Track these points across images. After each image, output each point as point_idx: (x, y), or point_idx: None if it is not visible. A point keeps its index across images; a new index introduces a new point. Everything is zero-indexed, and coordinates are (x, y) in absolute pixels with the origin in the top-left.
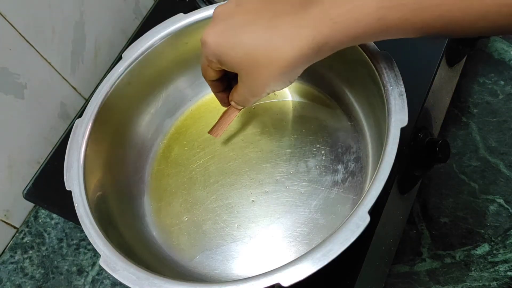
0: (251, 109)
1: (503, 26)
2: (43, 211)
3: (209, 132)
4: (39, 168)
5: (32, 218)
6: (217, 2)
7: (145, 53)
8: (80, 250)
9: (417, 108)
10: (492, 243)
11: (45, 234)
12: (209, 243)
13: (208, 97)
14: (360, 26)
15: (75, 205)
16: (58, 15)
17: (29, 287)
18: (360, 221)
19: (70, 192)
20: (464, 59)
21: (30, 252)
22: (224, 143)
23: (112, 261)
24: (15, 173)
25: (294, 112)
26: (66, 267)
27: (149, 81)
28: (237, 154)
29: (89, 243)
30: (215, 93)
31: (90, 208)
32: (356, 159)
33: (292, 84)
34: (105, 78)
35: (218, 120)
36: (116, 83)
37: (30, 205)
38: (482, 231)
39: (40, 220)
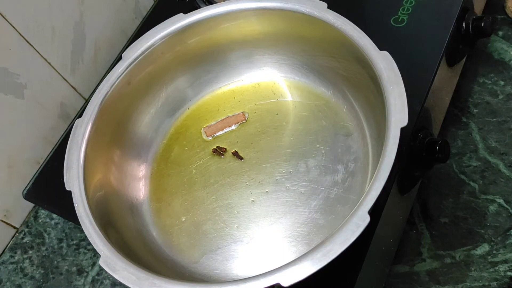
0: (251, 110)
1: None
2: (43, 211)
3: (204, 128)
4: (39, 168)
5: (32, 218)
6: (217, 2)
7: (145, 53)
8: (80, 250)
9: (417, 108)
10: (492, 243)
11: (45, 234)
12: (209, 244)
13: (208, 97)
14: None
15: (75, 205)
16: (58, 15)
17: (29, 287)
18: (360, 221)
19: (70, 192)
20: (464, 59)
21: (30, 252)
22: (224, 143)
23: (112, 261)
24: (15, 173)
25: (294, 112)
26: (66, 267)
27: (149, 81)
28: None
29: (89, 243)
30: None
31: (90, 208)
32: (356, 159)
33: (292, 84)
34: (105, 78)
35: (218, 122)
36: (116, 83)
37: (30, 205)
38: (482, 231)
39: (40, 220)
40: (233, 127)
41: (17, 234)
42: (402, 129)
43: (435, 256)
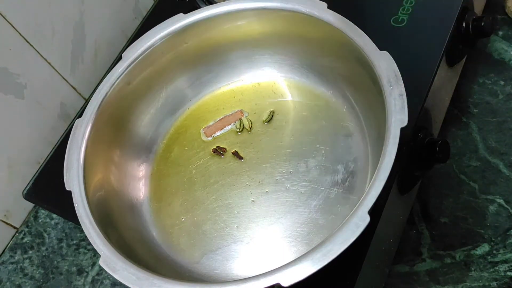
0: (251, 110)
1: None
2: (43, 211)
3: (203, 129)
4: (39, 168)
5: (32, 218)
6: (217, 2)
7: (145, 53)
8: (80, 250)
9: (417, 108)
10: (492, 243)
11: (45, 234)
12: (209, 244)
13: (208, 97)
14: None
15: (75, 205)
16: (58, 15)
17: (29, 287)
18: (360, 221)
19: (70, 192)
20: (464, 59)
21: (30, 252)
22: (224, 143)
23: (112, 261)
24: (15, 173)
25: (294, 112)
26: (66, 267)
27: (149, 81)
28: None
29: (89, 243)
30: None
31: (90, 208)
32: (356, 159)
33: (292, 84)
34: (105, 78)
35: (216, 122)
36: (116, 83)
37: (30, 205)
38: (482, 231)
39: (40, 220)
40: (232, 125)
41: (17, 234)
42: (402, 129)
43: (435, 256)
